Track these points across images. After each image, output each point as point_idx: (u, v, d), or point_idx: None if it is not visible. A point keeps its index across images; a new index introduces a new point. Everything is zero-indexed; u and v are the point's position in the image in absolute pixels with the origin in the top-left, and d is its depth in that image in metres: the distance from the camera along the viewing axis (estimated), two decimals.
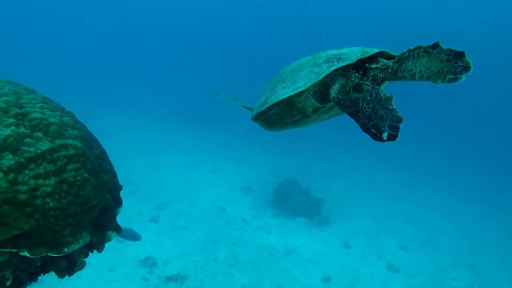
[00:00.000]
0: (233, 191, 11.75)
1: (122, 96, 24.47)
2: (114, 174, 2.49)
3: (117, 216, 2.51)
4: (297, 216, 10.30)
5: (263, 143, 16.77)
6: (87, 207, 1.98)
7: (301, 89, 1.93)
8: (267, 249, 8.23)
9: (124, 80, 30.64)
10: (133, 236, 5.35)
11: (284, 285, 6.92)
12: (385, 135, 1.60)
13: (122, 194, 9.48)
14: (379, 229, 10.48)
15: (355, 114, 1.76)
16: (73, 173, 1.94)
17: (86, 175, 2.02)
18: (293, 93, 1.96)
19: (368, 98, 1.74)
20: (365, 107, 1.72)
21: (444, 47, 1.78)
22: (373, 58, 1.94)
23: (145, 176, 11.69)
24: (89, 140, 2.33)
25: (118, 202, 2.47)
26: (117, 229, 2.33)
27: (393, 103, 1.70)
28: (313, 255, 8.24)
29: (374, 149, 22.96)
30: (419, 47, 1.83)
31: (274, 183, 11.45)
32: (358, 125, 1.76)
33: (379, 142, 1.66)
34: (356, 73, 1.95)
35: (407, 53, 1.88)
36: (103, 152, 2.52)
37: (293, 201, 10.77)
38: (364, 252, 8.80)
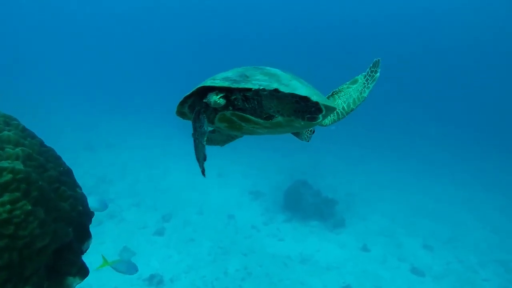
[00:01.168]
0: (241, 196, 11.24)
1: (126, 104, 24.23)
2: (78, 200, 1.99)
3: (86, 253, 2.00)
4: (310, 219, 9.74)
5: (269, 143, 16.24)
6: (30, 252, 1.48)
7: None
8: (280, 258, 7.69)
9: (128, 88, 30.42)
10: (128, 269, 4.83)
11: None
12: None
13: (126, 206, 8.95)
14: (398, 228, 9.86)
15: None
16: (7, 206, 1.44)
17: (30, 207, 1.52)
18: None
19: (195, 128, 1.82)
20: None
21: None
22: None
23: (150, 185, 11.25)
24: (41, 159, 1.83)
25: (84, 236, 1.97)
26: (82, 273, 1.82)
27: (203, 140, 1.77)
28: (330, 262, 7.68)
29: (386, 144, 22.28)
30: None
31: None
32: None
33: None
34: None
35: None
36: (65, 173, 2.02)
37: (304, 204, 10.22)
38: (384, 255, 8.20)
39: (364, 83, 2.28)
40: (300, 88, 1.84)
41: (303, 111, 1.69)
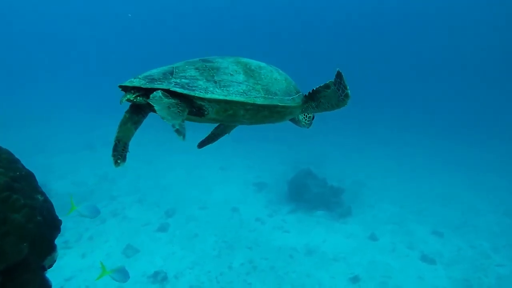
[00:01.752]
0: (245, 189, 11.06)
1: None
2: (37, 209, 1.77)
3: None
4: (316, 210, 9.54)
5: (272, 134, 16.00)
6: None
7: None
8: (286, 250, 7.51)
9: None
10: (122, 278, 4.69)
11: None
12: None
13: (129, 204, 8.76)
14: (407, 215, 9.62)
15: None
16: None
17: None
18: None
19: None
20: None
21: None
22: None
23: (152, 181, 11.11)
24: None
25: (46, 250, 1.76)
26: None
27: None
28: (337, 253, 7.49)
29: (392, 130, 21.92)
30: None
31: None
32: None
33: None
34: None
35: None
36: (21, 178, 1.81)
37: (310, 194, 10.01)
38: (393, 243, 7.99)
39: (337, 92, 2.15)
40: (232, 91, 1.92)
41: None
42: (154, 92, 1.80)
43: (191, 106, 1.93)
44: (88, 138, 15.10)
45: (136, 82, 1.88)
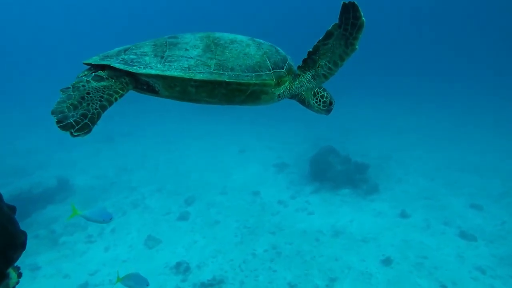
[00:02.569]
0: (265, 171, 10.71)
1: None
2: None
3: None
4: (341, 188, 9.10)
5: (290, 112, 15.43)
6: None
7: None
8: (311, 233, 7.16)
9: None
10: (137, 283, 4.42)
11: (338, 275, 5.85)
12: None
13: (148, 194, 8.57)
14: (440, 188, 9.02)
15: None
16: None
17: None
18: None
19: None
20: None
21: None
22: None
23: (171, 170, 10.95)
24: None
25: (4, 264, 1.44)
26: None
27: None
28: (366, 233, 7.06)
29: (415, 95, 20.79)
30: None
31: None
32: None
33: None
34: None
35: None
36: None
37: (333, 171, 9.54)
38: (426, 220, 7.47)
39: (344, 34, 1.91)
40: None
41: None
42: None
43: (139, 83, 1.98)
44: (107, 129, 15.07)
45: (91, 60, 1.97)
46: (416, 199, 8.53)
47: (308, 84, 2.22)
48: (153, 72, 1.85)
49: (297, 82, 2.21)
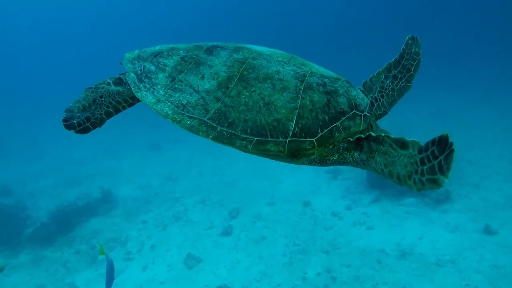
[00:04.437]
0: (317, 177, 9.73)
1: None
2: None
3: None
4: (405, 196, 7.86)
5: None
6: None
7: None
8: (372, 253, 6.11)
9: None
10: None
11: None
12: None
13: (191, 205, 8.02)
14: None
15: None
16: None
17: None
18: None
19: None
20: None
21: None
22: None
23: (216, 178, 10.43)
24: None
25: None
26: None
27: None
28: (441, 254, 5.85)
29: (485, 86, 18.30)
30: None
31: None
32: None
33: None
34: None
35: None
36: None
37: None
38: None
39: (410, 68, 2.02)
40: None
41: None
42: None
43: None
44: (153, 137, 15.08)
45: (125, 57, 1.99)
46: (502, 209, 7.05)
47: (354, 163, 1.71)
48: (145, 101, 1.75)
49: (336, 157, 1.70)
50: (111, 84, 2.00)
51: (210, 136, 1.63)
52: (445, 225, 6.72)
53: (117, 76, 2.00)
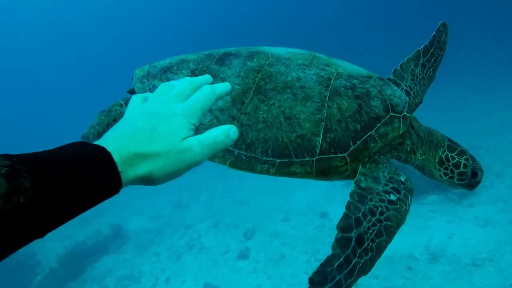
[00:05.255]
0: (332, 186, 9.32)
1: None
2: None
3: None
4: (426, 194, 7.42)
5: None
6: None
7: None
8: (400, 260, 5.68)
9: None
10: None
11: None
12: None
13: (204, 231, 7.65)
14: None
15: None
16: None
17: None
18: None
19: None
20: None
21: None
22: None
23: (227, 199, 10.11)
24: None
25: None
26: None
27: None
28: (475, 252, 5.39)
29: (488, 75, 17.83)
30: None
31: None
32: None
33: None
34: None
35: None
36: None
37: (413, 174, 7.89)
38: None
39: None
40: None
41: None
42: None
43: None
44: None
45: (136, 73, 1.83)
46: None
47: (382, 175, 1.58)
48: None
49: (369, 169, 1.54)
50: (123, 105, 1.87)
51: (227, 162, 1.50)
52: (474, 220, 6.27)
53: (130, 96, 1.88)
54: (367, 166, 1.54)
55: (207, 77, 0.94)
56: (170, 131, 0.78)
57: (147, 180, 0.79)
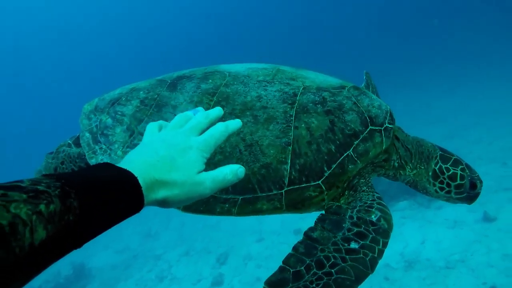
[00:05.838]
0: None
1: None
2: None
3: None
4: (396, 201, 7.46)
5: None
6: None
7: None
8: (377, 270, 5.48)
9: None
10: None
11: None
12: None
13: (175, 260, 7.01)
14: None
15: None
16: None
17: None
18: None
19: None
20: None
21: None
22: None
23: (198, 225, 9.71)
24: None
25: None
26: None
27: None
28: (447, 255, 5.39)
29: (445, 82, 18.75)
30: None
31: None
32: None
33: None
34: None
35: None
36: None
37: (382, 182, 7.92)
38: None
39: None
40: None
41: None
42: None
43: None
44: None
45: (84, 109, 1.69)
46: (494, 193, 6.73)
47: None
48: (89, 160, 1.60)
49: (335, 207, 1.36)
50: (72, 145, 1.70)
51: (181, 206, 1.27)
52: (444, 222, 6.31)
53: (77, 135, 1.71)
54: (346, 194, 1.37)
55: (218, 110, 0.99)
56: (187, 163, 0.85)
57: (162, 203, 0.86)
